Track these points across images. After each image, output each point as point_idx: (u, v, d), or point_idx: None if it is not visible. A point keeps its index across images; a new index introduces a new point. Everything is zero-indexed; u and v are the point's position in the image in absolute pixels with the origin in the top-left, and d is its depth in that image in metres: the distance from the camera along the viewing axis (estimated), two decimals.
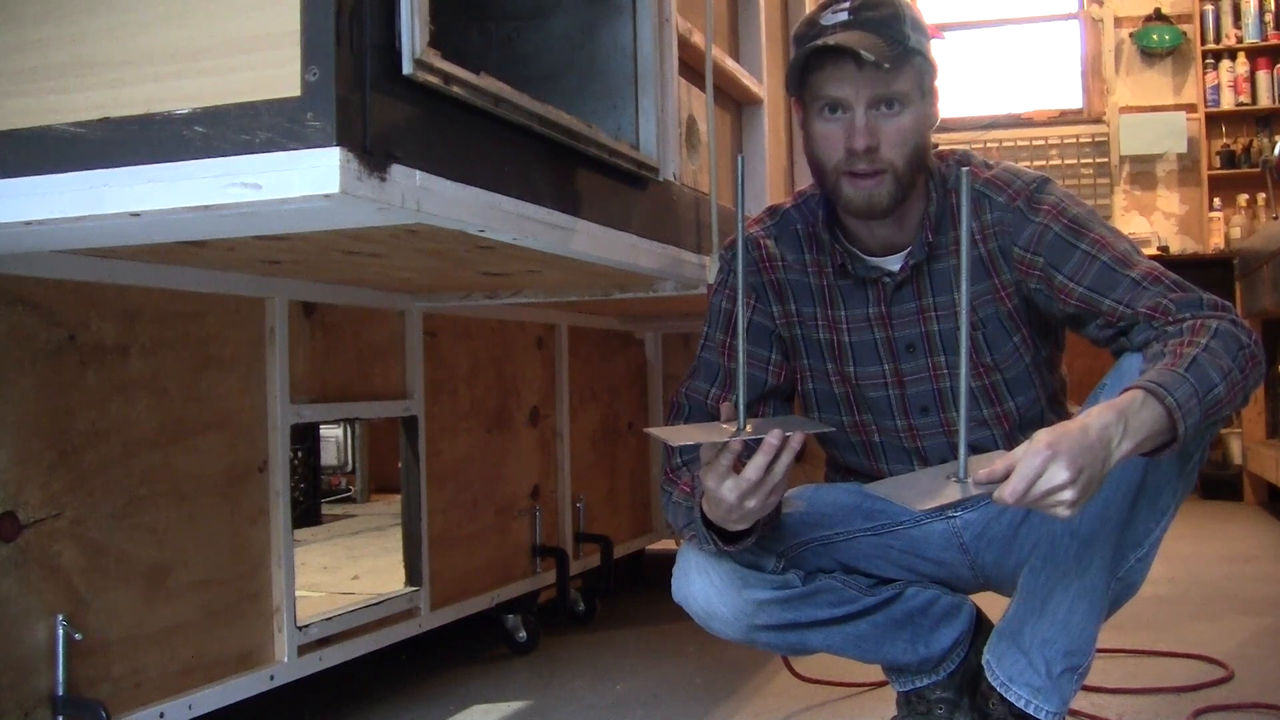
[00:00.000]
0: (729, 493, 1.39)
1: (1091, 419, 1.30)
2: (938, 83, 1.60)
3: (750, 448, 1.39)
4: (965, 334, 1.31)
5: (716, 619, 1.67)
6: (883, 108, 1.53)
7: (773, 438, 1.37)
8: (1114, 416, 1.31)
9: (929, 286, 1.64)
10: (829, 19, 1.54)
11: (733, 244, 1.71)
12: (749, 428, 1.38)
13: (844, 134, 1.54)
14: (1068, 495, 1.25)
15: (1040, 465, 1.24)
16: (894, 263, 1.64)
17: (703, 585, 1.65)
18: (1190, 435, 1.35)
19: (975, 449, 1.66)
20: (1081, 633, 1.56)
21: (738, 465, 1.39)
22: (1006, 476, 1.25)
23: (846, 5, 1.54)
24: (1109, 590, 1.56)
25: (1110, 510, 1.51)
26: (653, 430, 1.45)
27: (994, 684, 1.61)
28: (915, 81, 1.54)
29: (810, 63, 1.53)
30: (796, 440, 1.38)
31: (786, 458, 1.38)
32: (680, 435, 1.48)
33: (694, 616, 1.68)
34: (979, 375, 1.65)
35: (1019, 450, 1.27)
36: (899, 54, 1.51)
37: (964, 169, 1.35)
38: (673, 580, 1.68)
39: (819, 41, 1.51)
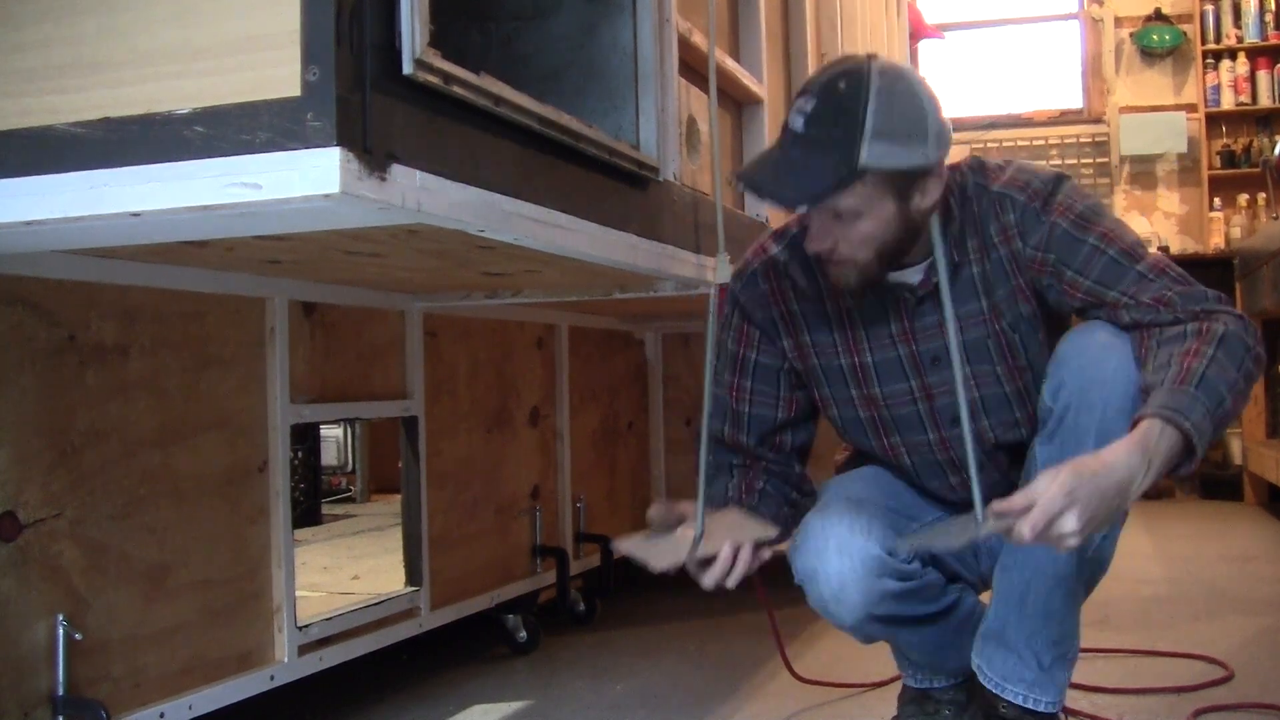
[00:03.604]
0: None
1: (1118, 459, 1.33)
2: (933, 168, 1.51)
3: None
4: (959, 371, 1.41)
5: (843, 604, 1.61)
6: (837, 217, 1.50)
7: (725, 550, 1.50)
8: (1139, 458, 1.33)
9: (952, 297, 1.62)
10: (793, 119, 1.49)
11: (739, 276, 1.73)
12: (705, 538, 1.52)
13: (804, 229, 1.56)
14: (1072, 542, 1.31)
15: (1059, 510, 1.29)
16: (914, 275, 1.60)
17: (840, 566, 1.59)
18: (1206, 448, 1.36)
19: (1010, 448, 1.67)
20: (1064, 620, 1.58)
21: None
22: (1025, 509, 1.30)
23: (809, 109, 1.47)
24: (1082, 573, 1.57)
25: None
26: (621, 545, 1.54)
27: (989, 686, 1.62)
28: (872, 194, 1.48)
29: None
30: (746, 552, 1.51)
31: (741, 569, 1.51)
32: (641, 550, 1.54)
33: (815, 596, 1.62)
34: (1013, 378, 1.63)
35: (1040, 484, 1.31)
36: (840, 179, 1.45)
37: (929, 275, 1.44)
38: (798, 553, 1.63)
39: (750, 176, 1.51)
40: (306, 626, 1.91)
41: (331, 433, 4.65)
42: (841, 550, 1.59)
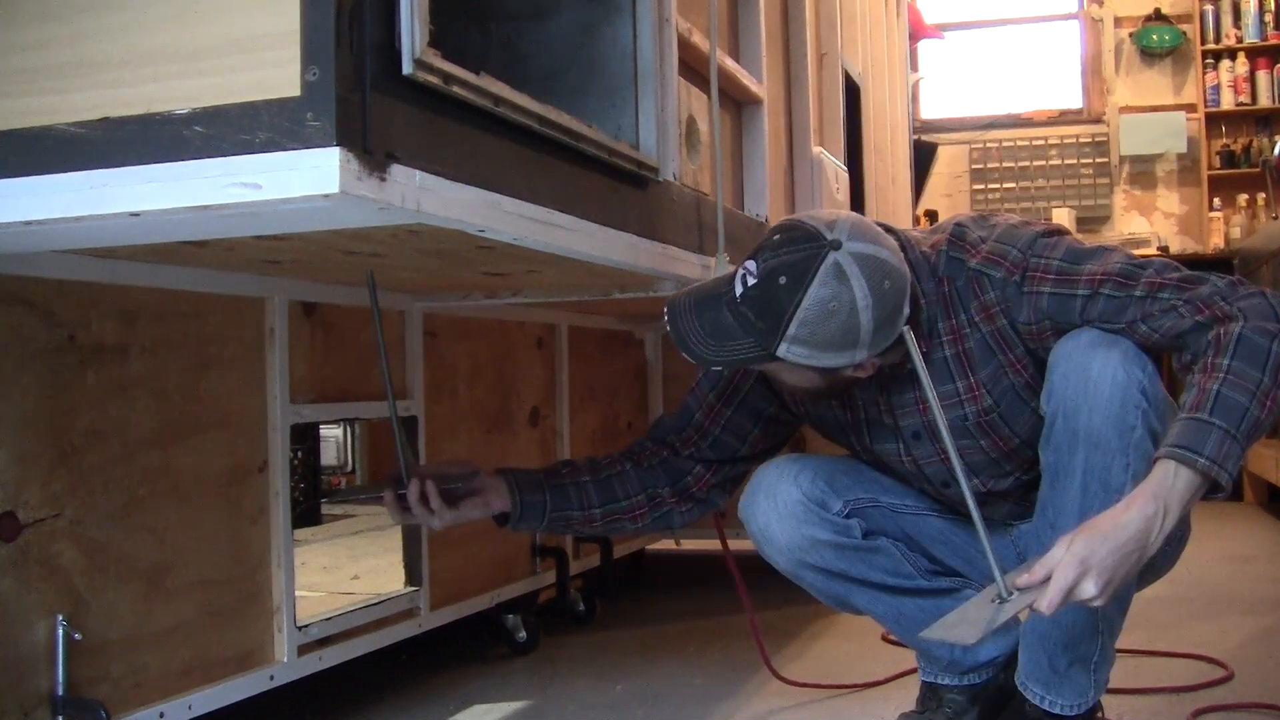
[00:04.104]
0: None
1: (1131, 514, 1.33)
2: (864, 361, 1.48)
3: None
4: (964, 482, 1.42)
5: (770, 544, 1.71)
6: None
7: (386, 496, 1.64)
8: (1153, 508, 1.34)
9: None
10: (738, 279, 1.47)
11: None
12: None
13: None
14: (1097, 603, 1.34)
15: (1074, 579, 1.31)
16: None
17: (766, 509, 1.70)
18: (1237, 468, 1.36)
19: (1005, 497, 1.71)
20: (1073, 625, 1.58)
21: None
22: (1045, 578, 1.33)
23: (749, 284, 1.45)
24: None
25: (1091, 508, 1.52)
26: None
27: (1017, 683, 1.67)
28: (792, 367, 1.47)
29: None
30: (388, 498, 1.64)
31: (395, 513, 1.65)
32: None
33: (750, 536, 1.74)
34: (997, 447, 1.65)
35: (1056, 553, 1.33)
36: (756, 358, 1.46)
37: (905, 328, 1.44)
38: (742, 498, 1.75)
39: (678, 323, 1.50)
40: (306, 626, 1.91)
41: (331, 433, 4.64)
42: (768, 494, 1.70)
